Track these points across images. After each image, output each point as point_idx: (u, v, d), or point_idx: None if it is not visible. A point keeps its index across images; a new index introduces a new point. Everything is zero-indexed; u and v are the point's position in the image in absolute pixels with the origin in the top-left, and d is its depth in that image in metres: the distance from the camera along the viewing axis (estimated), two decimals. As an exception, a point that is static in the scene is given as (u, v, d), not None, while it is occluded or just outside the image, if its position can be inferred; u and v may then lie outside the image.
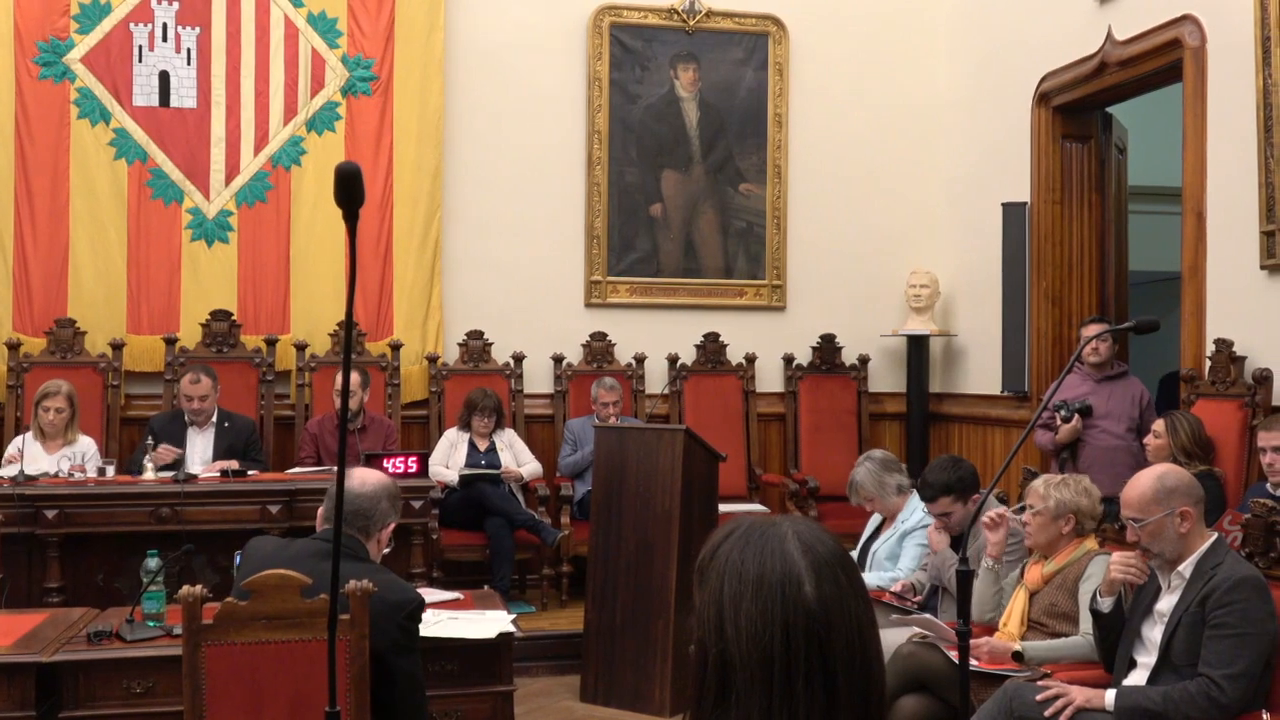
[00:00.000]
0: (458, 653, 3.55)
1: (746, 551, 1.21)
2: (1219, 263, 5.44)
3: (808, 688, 1.15)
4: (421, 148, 7.31)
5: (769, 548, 1.21)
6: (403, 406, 7.19)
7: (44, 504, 5.28)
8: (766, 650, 1.15)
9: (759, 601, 1.17)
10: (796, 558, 1.20)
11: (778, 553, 1.20)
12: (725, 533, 1.27)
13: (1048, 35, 6.68)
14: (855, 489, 5.04)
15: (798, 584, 1.18)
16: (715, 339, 7.69)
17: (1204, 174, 5.51)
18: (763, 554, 1.20)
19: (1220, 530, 3.60)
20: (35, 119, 6.85)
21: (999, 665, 3.74)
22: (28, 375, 6.58)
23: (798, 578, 1.18)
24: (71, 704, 3.34)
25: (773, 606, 1.17)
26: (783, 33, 7.82)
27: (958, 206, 7.73)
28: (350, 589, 2.79)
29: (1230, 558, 3.34)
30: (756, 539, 1.23)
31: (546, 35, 7.55)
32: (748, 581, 1.19)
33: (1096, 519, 4.04)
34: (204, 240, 7.07)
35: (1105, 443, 5.66)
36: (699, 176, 7.76)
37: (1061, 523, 3.99)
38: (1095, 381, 5.83)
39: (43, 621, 3.75)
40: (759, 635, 1.16)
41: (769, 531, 1.23)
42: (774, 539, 1.22)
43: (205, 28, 7.07)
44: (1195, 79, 5.54)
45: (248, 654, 2.80)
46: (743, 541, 1.23)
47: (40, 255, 6.86)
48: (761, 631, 1.16)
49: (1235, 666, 3.17)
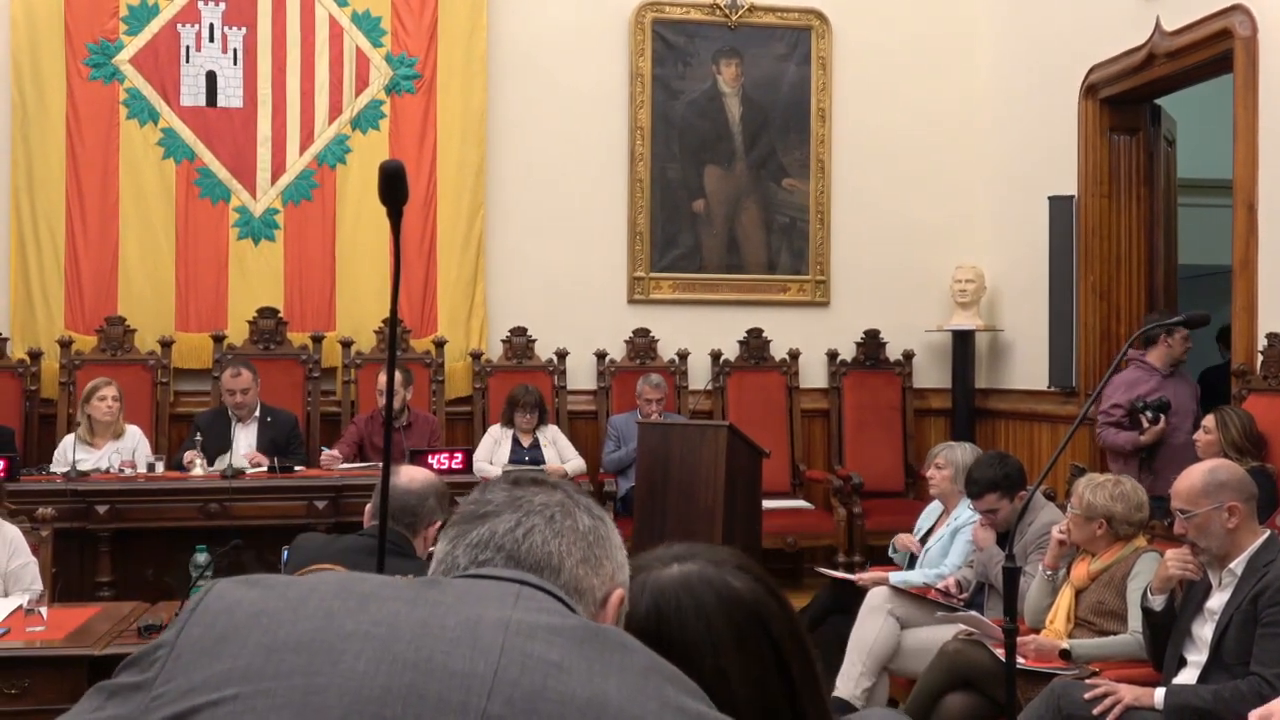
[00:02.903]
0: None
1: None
2: (1271, 256, 5.36)
3: None
4: (465, 145, 7.34)
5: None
6: (447, 403, 7.23)
7: (95, 499, 5.37)
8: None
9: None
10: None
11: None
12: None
13: (1095, 27, 6.61)
14: (942, 461, 4.93)
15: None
16: (759, 335, 7.67)
17: (1255, 166, 5.43)
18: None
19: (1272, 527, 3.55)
20: (85, 120, 6.95)
21: (1046, 663, 3.71)
22: (79, 372, 6.67)
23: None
24: (123, 696, 3.38)
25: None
26: (826, 27, 7.78)
27: (1003, 200, 7.66)
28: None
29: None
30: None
31: (588, 32, 7.55)
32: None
33: (1135, 524, 3.96)
34: (251, 239, 7.15)
35: (1180, 439, 5.54)
36: (741, 172, 7.74)
37: (1095, 525, 3.94)
38: (1163, 377, 5.73)
39: (94, 615, 3.80)
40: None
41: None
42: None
43: (251, 28, 7.14)
44: (1246, 69, 5.46)
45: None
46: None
47: (91, 254, 6.96)
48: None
49: (1288, 666, 3.12)
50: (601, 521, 1.25)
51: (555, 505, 1.23)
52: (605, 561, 1.23)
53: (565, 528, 1.21)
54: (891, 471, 7.58)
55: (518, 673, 1.03)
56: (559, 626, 1.08)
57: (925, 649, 4.22)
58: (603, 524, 1.25)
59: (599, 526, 1.24)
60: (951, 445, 5.12)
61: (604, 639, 1.08)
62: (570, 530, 1.22)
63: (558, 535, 1.21)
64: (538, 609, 1.11)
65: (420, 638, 1.06)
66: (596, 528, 1.24)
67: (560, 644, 1.06)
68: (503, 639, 1.05)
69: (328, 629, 1.08)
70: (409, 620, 1.08)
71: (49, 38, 6.89)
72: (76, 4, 6.93)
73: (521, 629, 1.07)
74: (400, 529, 3.06)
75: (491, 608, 1.10)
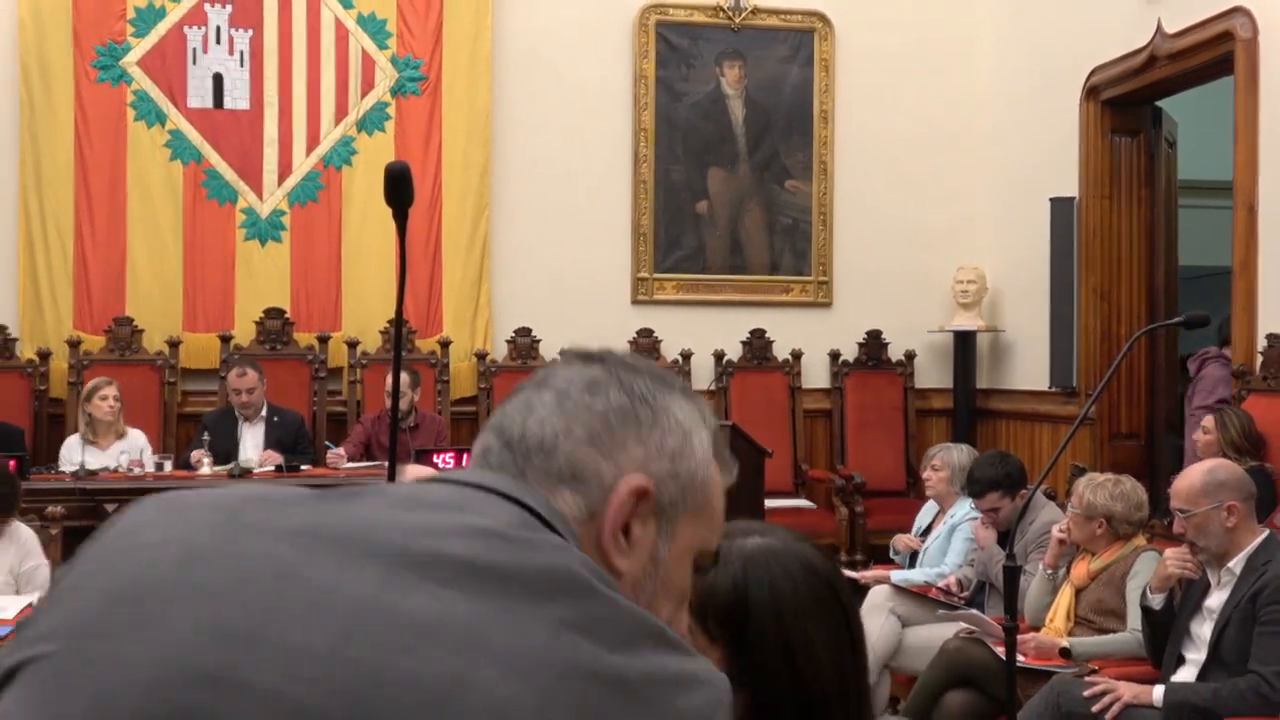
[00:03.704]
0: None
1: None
2: (1271, 257, 5.37)
3: None
4: (470, 146, 7.36)
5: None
6: (452, 403, 7.24)
7: (104, 498, 5.39)
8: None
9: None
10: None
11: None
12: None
13: (1096, 29, 6.62)
14: (939, 463, 4.95)
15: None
16: (761, 335, 7.69)
17: (1256, 167, 5.44)
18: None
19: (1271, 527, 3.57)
20: (94, 121, 6.98)
21: (1046, 661, 3.73)
22: (88, 372, 6.68)
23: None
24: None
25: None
26: (829, 29, 7.80)
27: (1005, 202, 7.67)
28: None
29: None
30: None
31: (593, 34, 7.57)
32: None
33: (1134, 523, 3.99)
34: (257, 239, 7.17)
35: None
36: (745, 173, 7.76)
37: (1094, 525, 3.96)
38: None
39: (104, 612, 3.82)
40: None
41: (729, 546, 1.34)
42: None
43: (258, 30, 7.16)
44: (1247, 72, 5.47)
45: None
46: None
47: (99, 254, 6.99)
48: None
49: (1286, 664, 3.14)
50: (645, 402, 1.01)
51: (580, 380, 1.02)
52: (632, 445, 0.99)
53: (579, 404, 1.00)
54: (893, 471, 7.59)
55: (363, 648, 0.80)
56: (470, 564, 0.85)
57: (926, 647, 4.24)
58: (647, 404, 1.01)
59: (636, 406, 1.00)
60: (949, 447, 5.15)
61: (523, 583, 0.84)
62: (583, 407, 1.00)
63: (563, 413, 1.00)
64: (465, 533, 0.88)
65: (265, 595, 0.83)
66: (632, 405, 1.00)
67: (453, 595, 0.83)
68: (369, 596, 0.83)
69: (175, 573, 0.86)
70: (268, 567, 0.85)
71: (57, 39, 6.91)
72: (84, 6, 6.95)
73: (406, 579, 0.83)
74: None
75: (387, 540, 0.87)
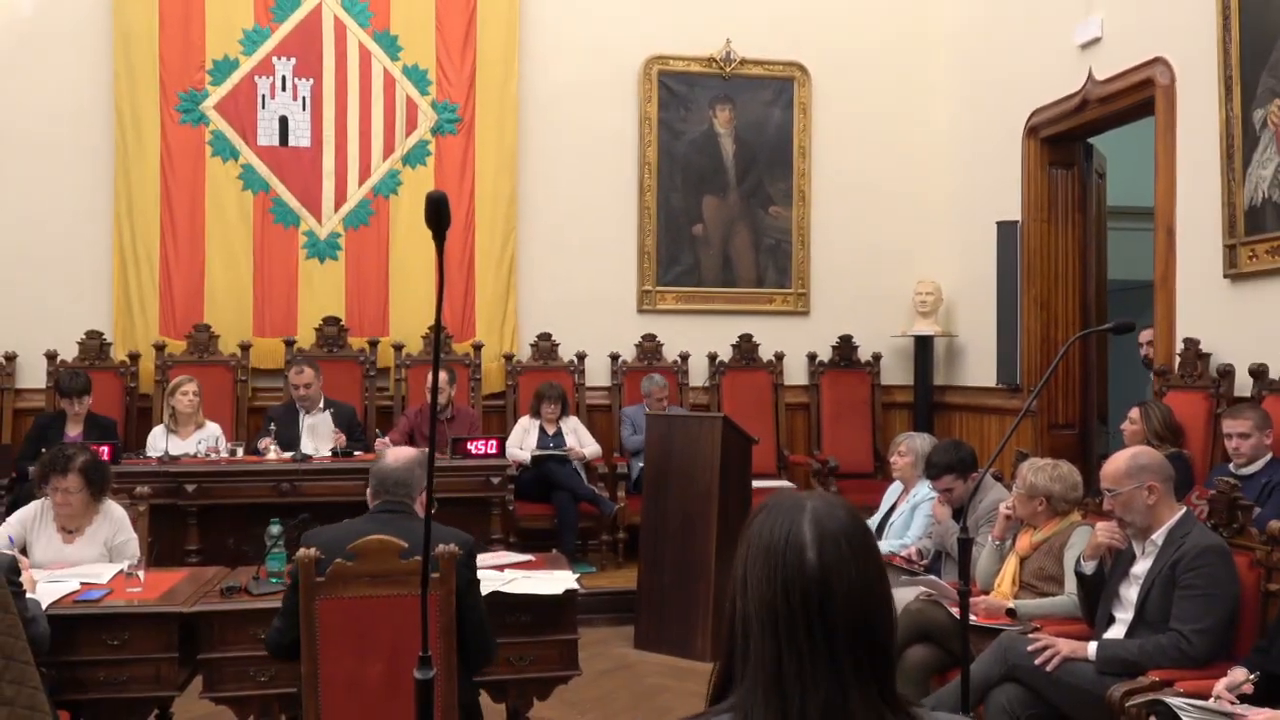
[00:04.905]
0: (530, 606, 3.56)
1: (766, 524, 1.24)
2: (1187, 272, 5.34)
3: (809, 638, 1.17)
4: (499, 178, 7.34)
5: (784, 521, 1.22)
6: (484, 397, 7.22)
7: (185, 480, 5.39)
8: (771, 606, 1.19)
9: (767, 566, 1.20)
10: (805, 530, 1.21)
11: (790, 525, 1.22)
12: (761, 507, 1.28)
13: (1036, 76, 6.59)
14: (904, 449, 4.91)
15: (799, 552, 1.19)
16: (749, 339, 7.66)
17: (1174, 195, 5.41)
18: (777, 526, 1.22)
19: (1189, 504, 3.54)
20: (177, 157, 6.97)
21: (995, 620, 3.70)
22: (171, 371, 6.68)
23: (800, 547, 1.20)
24: (208, 647, 3.39)
25: (775, 570, 1.19)
26: (806, 77, 7.77)
27: (958, 225, 7.64)
28: (439, 552, 2.81)
29: (1198, 528, 3.28)
30: (779, 513, 1.24)
31: (604, 82, 7.55)
32: (760, 549, 1.22)
33: (1070, 501, 3.95)
34: (317, 258, 7.16)
35: None
36: (734, 201, 7.73)
37: (1035, 503, 3.92)
38: None
39: (183, 578, 3.81)
40: (764, 594, 1.19)
41: (791, 507, 1.25)
42: (792, 513, 1.23)
43: (318, 79, 7.15)
44: (1166, 113, 5.44)
45: (354, 606, 2.83)
46: (767, 515, 1.25)
47: (181, 271, 6.98)
48: (766, 591, 1.19)
49: (1202, 623, 3.11)
50: None
51: None
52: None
53: None
54: (863, 456, 7.56)
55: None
56: None
57: (891, 608, 4.20)
58: None
59: None
60: (912, 435, 5.10)
61: None
62: None
63: None
64: None
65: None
66: None
67: None
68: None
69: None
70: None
71: (146, 88, 6.91)
72: (169, 59, 6.94)
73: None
74: (401, 498, 3.08)
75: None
